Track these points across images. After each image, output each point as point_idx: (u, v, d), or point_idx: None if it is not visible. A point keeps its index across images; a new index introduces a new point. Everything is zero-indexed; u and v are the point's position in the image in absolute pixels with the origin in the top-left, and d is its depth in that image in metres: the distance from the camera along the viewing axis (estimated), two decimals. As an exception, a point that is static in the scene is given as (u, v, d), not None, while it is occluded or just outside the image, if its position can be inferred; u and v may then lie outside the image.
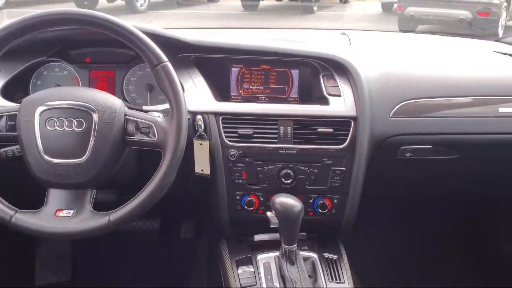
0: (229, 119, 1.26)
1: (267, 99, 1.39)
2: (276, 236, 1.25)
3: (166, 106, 1.09)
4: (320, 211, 1.30)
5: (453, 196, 1.90)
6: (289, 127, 1.27)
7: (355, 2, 9.91)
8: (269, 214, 1.24)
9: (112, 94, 1.11)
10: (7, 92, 1.27)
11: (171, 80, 1.04)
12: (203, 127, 1.23)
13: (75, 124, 1.03)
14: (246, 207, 1.29)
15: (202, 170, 1.25)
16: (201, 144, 1.23)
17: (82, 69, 1.39)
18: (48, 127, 1.02)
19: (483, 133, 1.40)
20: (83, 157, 1.02)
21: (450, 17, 5.91)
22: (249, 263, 1.29)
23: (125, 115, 1.07)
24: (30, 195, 1.05)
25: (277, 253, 1.26)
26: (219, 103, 1.28)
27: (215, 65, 1.37)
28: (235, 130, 1.26)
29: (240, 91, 1.39)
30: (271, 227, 1.23)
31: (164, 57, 1.04)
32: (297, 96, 1.39)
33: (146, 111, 1.17)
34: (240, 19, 7.32)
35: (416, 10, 6.15)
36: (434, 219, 2.07)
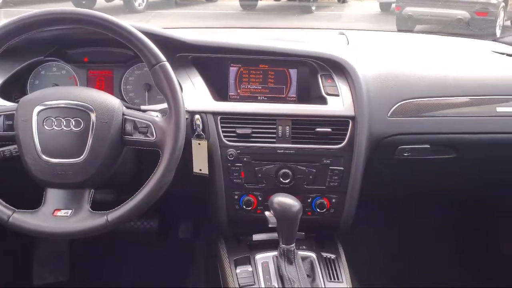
0: (227, 118, 1.26)
1: (265, 98, 1.39)
2: (275, 236, 1.25)
3: (164, 105, 1.09)
4: (318, 210, 1.30)
5: (451, 196, 1.90)
6: (287, 127, 1.27)
7: (353, 2, 9.91)
8: (267, 213, 1.25)
9: (110, 94, 1.10)
10: (4, 92, 1.27)
11: (169, 80, 1.04)
12: (201, 126, 1.23)
13: (73, 123, 1.03)
14: (245, 206, 1.29)
15: (200, 170, 1.25)
16: (199, 144, 1.23)
17: (80, 68, 1.38)
18: (46, 126, 1.02)
19: (481, 132, 1.41)
20: (81, 157, 1.02)
21: (448, 17, 5.91)
22: (247, 263, 1.29)
23: (123, 114, 1.07)
24: (28, 195, 1.05)
25: (275, 253, 1.26)
26: (217, 103, 1.28)
27: (213, 64, 1.37)
28: (234, 129, 1.26)
29: (239, 91, 1.39)
30: (270, 226, 1.24)
31: (162, 57, 1.04)
32: (295, 95, 1.39)
33: (144, 111, 1.17)
34: (238, 18, 7.32)
35: (414, 10, 6.15)
36: (432, 218, 2.07)
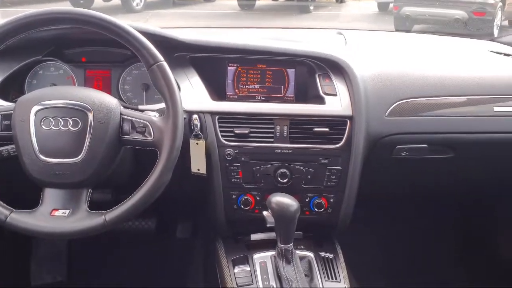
0: (225, 118, 1.26)
1: (263, 98, 1.39)
2: (272, 235, 1.25)
3: (162, 105, 1.09)
4: (316, 210, 1.30)
5: (448, 195, 1.91)
6: (285, 127, 1.27)
7: (351, 2, 9.93)
8: (265, 213, 1.25)
9: (108, 94, 1.10)
10: (2, 92, 1.26)
11: (167, 80, 1.04)
12: (199, 126, 1.23)
13: (71, 123, 1.03)
14: (242, 206, 1.29)
15: (198, 170, 1.25)
16: (197, 144, 1.23)
17: (78, 68, 1.38)
18: (43, 126, 1.02)
19: (479, 132, 1.41)
20: (79, 157, 1.02)
21: (446, 17, 5.93)
22: (245, 263, 1.29)
23: (121, 114, 1.06)
24: (25, 194, 1.05)
25: (273, 252, 1.26)
26: (215, 103, 1.28)
27: (211, 64, 1.37)
28: (231, 129, 1.26)
29: (236, 91, 1.39)
30: (268, 226, 1.24)
31: (160, 57, 1.04)
32: (293, 95, 1.39)
33: (142, 111, 1.16)
34: (236, 18, 7.32)
35: (412, 10, 6.16)
36: (430, 218, 2.08)
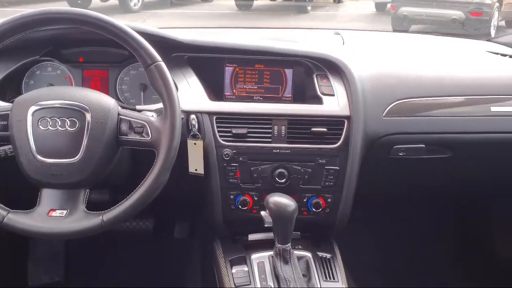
0: (223, 118, 1.26)
1: (261, 98, 1.39)
2: (270, 236, 1.25)
3: (160, 105, 1.09)
4: (314, 210, 1.30)
5: (446, 195, 1.91)
6: (283, 127, 1.27)
7: (348, 2, 9.93)
8: (263, 213, 1.25)
9: (105, 94, 1.10)
10: None
11: (164, 80, 1.04)
12: (197, 126, 1.23)
13: (68, 123, 1.02)
14: (240, 206, 1.29)
15: (196, 170, 1.25)
16: (195, 144, 1.23)
17: (75, 68, 1.38)
18: (40, 127, 1.02)
19: (476, 132, 1.41)
20: (76, 157, 1.02)
21: (443, 17, 5.93)
22: (243, 263, 1.29)
23: (119, 114, 1.06)
24: (23, 195, 1.04)
25: (271, 253, 1.26)
26: (213, 103, 1.28)
27: (209, 64, 1.36)
28: (229, 129, 1.26)
29: (234, 91, 1.38)
30: (265, 226, 1.24)
31: (158, 57, 1.04)
32: (291, 95, 1.39)
33: (140, 111, 1.16)
34: (234, 18, 7.31)
35: (410, 10, 6.17)
36: (427, 218, 2.08)
